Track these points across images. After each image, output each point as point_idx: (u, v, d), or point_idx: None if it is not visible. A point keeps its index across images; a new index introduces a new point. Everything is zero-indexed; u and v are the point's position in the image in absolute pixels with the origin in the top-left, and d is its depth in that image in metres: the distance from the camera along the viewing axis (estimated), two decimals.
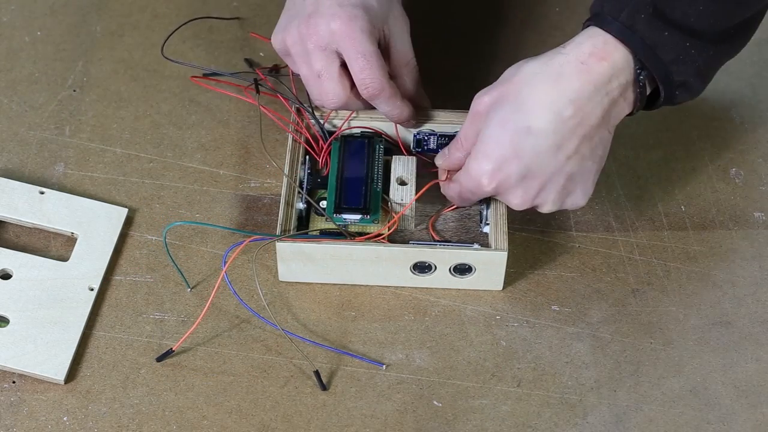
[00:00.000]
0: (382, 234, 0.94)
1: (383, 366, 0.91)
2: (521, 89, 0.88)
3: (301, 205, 0.96)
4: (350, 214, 0.95)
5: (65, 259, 0.95)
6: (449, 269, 0.93)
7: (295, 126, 1.00)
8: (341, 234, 0.94)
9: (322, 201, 0.97)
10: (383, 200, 0.96)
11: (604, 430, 0.88)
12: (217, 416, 0.88)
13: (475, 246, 0.93)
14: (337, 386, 0.90)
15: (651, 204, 1.01)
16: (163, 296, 0.94)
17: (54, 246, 0.97)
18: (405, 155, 0.99)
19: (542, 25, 0.92)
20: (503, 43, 0.95)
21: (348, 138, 1.00)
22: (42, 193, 0.99)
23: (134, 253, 0.97)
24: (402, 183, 0.97)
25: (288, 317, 0.93)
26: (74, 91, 1.07)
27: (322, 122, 1.00)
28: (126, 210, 0.99)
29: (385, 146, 1.00)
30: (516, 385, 0.90)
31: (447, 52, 1.08)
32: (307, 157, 0.99)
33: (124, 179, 1.01)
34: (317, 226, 0.96)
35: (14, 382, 0.89)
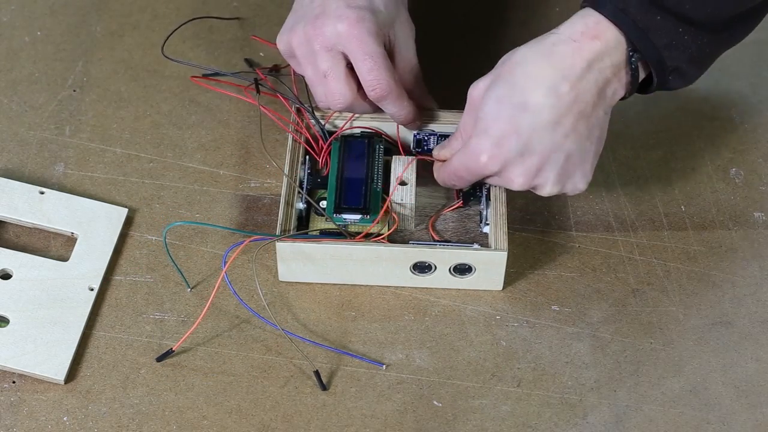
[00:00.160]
0: (382, 234, 0.94)
1: (383, 366, 0.91)
2: (515, 69, 0.89)
3: (301, 205, 0.96)
4: (350, 214, 0.95)
5: (65, 259, 0.95)
6: (449, 269, 0.93)
7: (296, 126, 1.00)
8: (341, 234, 0.94)
9: (322, 201, 0.97)
10: (383, 200, 0.96)
11: (604, 430, 0.88)
12: (217, 416, 0.88)
13: (475, 246, 0.93)
14: (337, 386, 0.90)
15: (651, 204, 1.01)
16: (163, 296, 0.94)
17: (54, 246, 0.97)
18: (404, 156, 0.99)
19: (543, 26, 0.92)
20: (504, 44, 0.95)
21: (348, 138, 1.00)
22: (42, 193, 0.99)
23: (134, 253, 0.97)
24: (402, 183, 0.97)
25: (288, 317, 0.93)
26: (74, 91, 1.07)
27: (323, 122, 1.00)
28: (126, 210, 0.99)
29: (385, 146, 1.00)
30: (516, 385, 0.90)
31: (447, 53, 1.08)
32: (307, 157, 0.99)
33: (124, 179, 1.01)
34: (317, 226, 0.96)
35: (14, 382, 0.89)
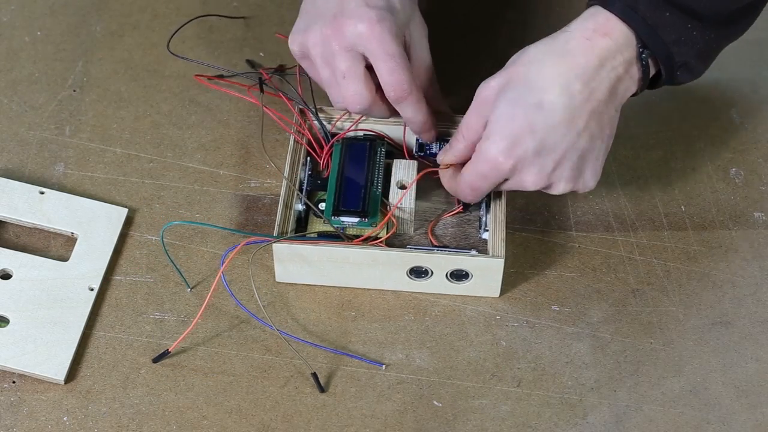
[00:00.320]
0: (380, 237, 0.94)
1: (383, 366, 0.91)
2: (529, 69, 0.88)
3: (300, 207, 0.96)
4: (348, 217, 0.95)
5: (65, 259, 0.95)
6: (446, 275, 0.93)
7: (298, 127, 1.00)
8: (339, 237, 0.94)
9: (322, 203, 0.97)
10: (382, 204, 0.96)
11: (604, 430, 0.88)
12: (217, 416, 0.88)
13: (473, 252, 0.93)
14: (337, 386, 0.90)
15: (651, 204, 1.01)
16: (163, 296, 0.94)
17: (54, 246, 0.97)
18: (407, 159, 0.99)
19: (543, 26, 0.92)
20: (504, 44, 0.95)
21: (350, 140, 1.00)
22: (42, 193, 0.99)
23: (134, 253, 0.97)
24: (402, 187, 0.97)
25: (287, 318, 0.93)
26: (74, 91, 1.07)
27: (327, 125, 1.00)
28: (126, 210, 0.99)
29: (387, 150, 1.00)
30: (516, 385, 0.90)
31: (447, 53, 1.07)
32: (308, 159, 0.99)
33: (124, 179, 1.01)
34: (316, 228, 0.96)
35: (14, 382, 0.89)
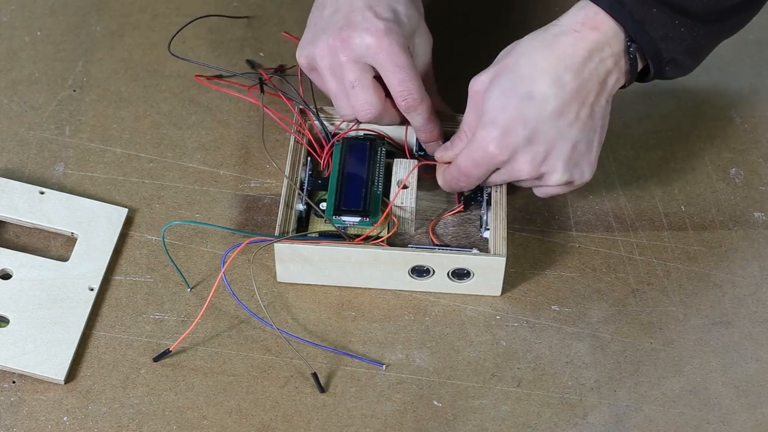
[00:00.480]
0: (381, 237, 0.94)
1: (383, 366, 0.91)
2: (518, 60, 0.89)
3: (301, 207, 0.96)
4: (349, 216, 0.95)
5: (65, 259, 0.95)
6: (447, 274, 0.93)
7: (298, 127, 1.00)
8: (340, 236, 0.94)
9: (323, 203, 0.97)
10: (383, 203, 0.96)
11: (604, 430, 0.88)
12: (217, 416, 0.88)
13: (474, 251, 0.93)
14: (337, 386, 0.90)
15: (651, 204, 1.01)
16: (163, 296, 0.94)
17: (54, 246, 0.97)
18: (407, 158, 0.99)
19: (543, 26, 0.92)
20: (504, 44, 0.95)
21: (350, 140, 1.00)
22: (42, 193, 0.99)
23: (134, 253, 0.97)
24: (403, 187, 0.97)
25: (287, 318, 0.93)
26: (74, 91, 1.07)
27: (327, 125, 1.00)
28: (126, 210, 0.99)
29: (388, 149, 1.00)
30: (516, 385, 0.90)
31: (447, 53, 1.07)
32: (309, 159, 0.99)
33: (124, 179, 1.01)
34: (317, 228, 0.96)
35: (14, 382, 0.89)
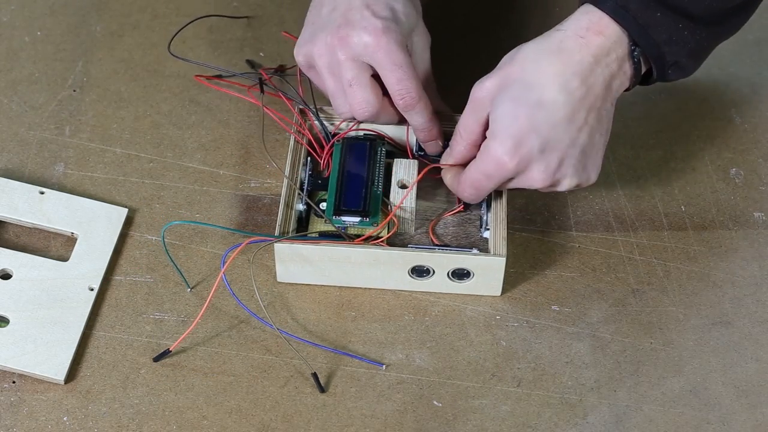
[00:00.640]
0: (381, 237, 0.94)
1: (383, 366, 0.91)
2: (525, 67, 0.89)
3: (301, 207, 0.96)
4: (349, 216, 0.95)
5: (65, 259, 0.95)
6: (447, 274, 0.93)
7: (298, 127, 1.00)
8: (340, 236, 0.94)
9: (323, 203, 0.97)
10: (383, 203, 0.96)
11: (604, 430, 0.88)
12: (217, 416, 0.88)
13: (474, 251, 0.93)
14: (337, 386, 0.90)
15: (651, 204, 1.01)
16: (163, 296, 0.94)
17: (54, 246, 0.97)
18: (407, 158, 0.99)
19: (543, 26, 0.92)
20: (504, 44, 0.95)
21: (350, 140, 1.00)
22: (42, 193, 0.99)
23: (134, 253, 0.97)
24: (403, 186, 0.97)
25: (287, 318, 0.93)
26: (74, 91, 1.07)
27: (327, 125, 1.00)
28: (126, 210, 0.99)
29: (388, 149, 1.00)
30: (516, 385, 0.90)
31: (447, 53, 1.07)
32: (309, 159, 0.99)
33: (124, 179, 1.01)
34: (317, 228, 0.96)
35: (14, 382, 0.89)
